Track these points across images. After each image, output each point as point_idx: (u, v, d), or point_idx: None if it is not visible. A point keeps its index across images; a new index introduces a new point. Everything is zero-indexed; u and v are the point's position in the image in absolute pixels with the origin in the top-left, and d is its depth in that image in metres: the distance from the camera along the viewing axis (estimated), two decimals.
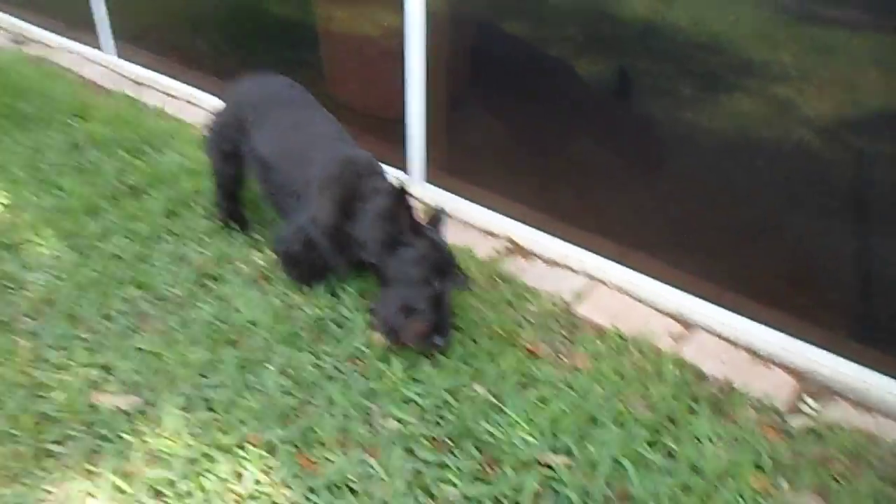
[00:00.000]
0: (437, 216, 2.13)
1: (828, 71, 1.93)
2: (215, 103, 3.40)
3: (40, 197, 2.69)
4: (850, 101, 1.92)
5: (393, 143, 2.81)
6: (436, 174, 2.76)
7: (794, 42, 1.94)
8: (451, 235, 2.17)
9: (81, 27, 4.02)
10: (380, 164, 2.19)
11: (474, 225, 2.66)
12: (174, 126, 3.19)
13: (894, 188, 1.91)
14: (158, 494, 1.65)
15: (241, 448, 1.75)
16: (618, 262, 2.41)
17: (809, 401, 2.03)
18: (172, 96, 3.52)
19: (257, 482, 1.68)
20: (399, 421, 1.85)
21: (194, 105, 3.45)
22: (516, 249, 2.55)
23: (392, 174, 2.27)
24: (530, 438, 1.80)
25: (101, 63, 3.98)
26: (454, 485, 1.68)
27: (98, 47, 3.96)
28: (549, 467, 1.75)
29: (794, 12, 1.93)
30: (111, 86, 3.72)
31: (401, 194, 1.95)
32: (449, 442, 1.80)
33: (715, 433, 1.87)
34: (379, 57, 2.90)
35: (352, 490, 1.67)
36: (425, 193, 2.80)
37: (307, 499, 1.64)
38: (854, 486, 1.77)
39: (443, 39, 2.53)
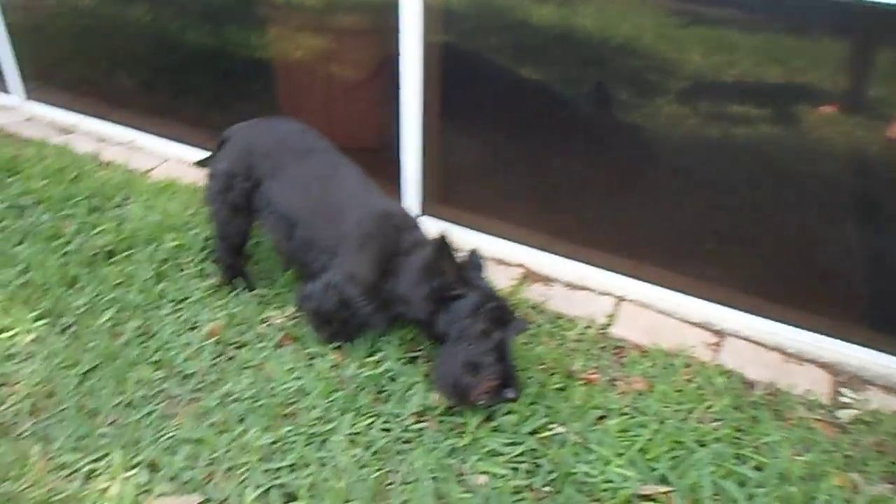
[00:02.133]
0: (473, 260, 2.06)
1: None
2: (165, 148, 3.14)
3: None
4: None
5: (373, 176, 2.69)
6: (432, 206, 2.68)
7: None
8: None
9: None
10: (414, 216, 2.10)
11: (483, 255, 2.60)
12: (124, 176, 2.90)
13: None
14: None
15: None
16: (636, 277, 2.45)
17: (847, 392, 2.15)
18: (106, 141, 3.19)
19: None
20: (490, 475, 1.78)
21: (137, 150, 3.15)
22: (532, 276, 2.53)
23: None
24: (626, 472, 1.80)
25: (11, 107, 3.55)
26: None
27: (5, 91, 3.52)
28: (652, 499, 1.75)
29: None
30: (31, 134, 3.33)
31: (443, 245, 1.87)
32: (549, 490, 1.76)
33: (783, 438, 1.94)
34: (354, 87, 2.77)
35: None
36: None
37: None
38: None
39: (436, 68, 2.46)
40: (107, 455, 1.81)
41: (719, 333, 2.33)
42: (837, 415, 2.06)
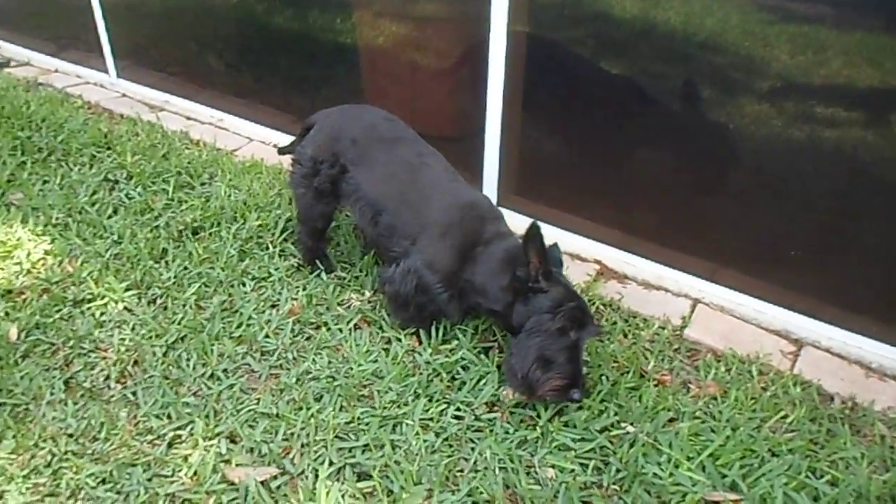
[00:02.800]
0: (553, 254, 2.05)
1: None
2: (250, 129, 3.23)
3: (92, 242, 2.48)
4: None
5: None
6: (509, 197, 2.69)
7: None
8: None
9: (78, 46, 3.72)
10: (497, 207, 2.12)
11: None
12: (211, 155, 3.00)
13: None
14: None
15: None
16: (713, 281, 2.41)
17: None
18: (194, 120, 3.31)
19: None
20: (559, 469, 1.79)
21: (223, 130, 3.25)
22: (608, 273, 2.52)
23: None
24: (696, 476, 1.78)
25: (105, 85, 3.70)
26: None
27: (98, 68, 3.67)
28: None
29: None
30: (124, 111, 3.47)
31: (534, 233, 1.87)
32: (617, 488, 1.76)
33: (861, 454, 1.89)
34: (437, 75, 2.80)
35: None
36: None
37: None
38: None
39: (519, 58, 2.46)
40: (189, 423, 1.88)
41: (797, 343, 2.28)
42: None
